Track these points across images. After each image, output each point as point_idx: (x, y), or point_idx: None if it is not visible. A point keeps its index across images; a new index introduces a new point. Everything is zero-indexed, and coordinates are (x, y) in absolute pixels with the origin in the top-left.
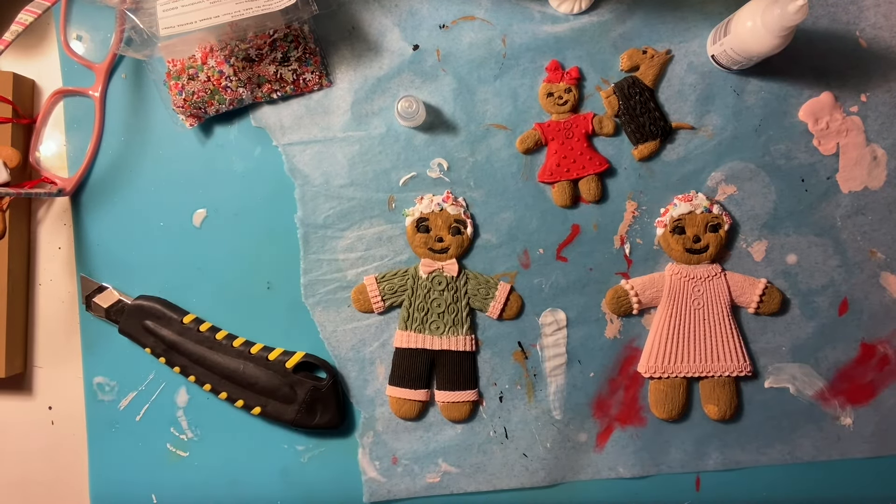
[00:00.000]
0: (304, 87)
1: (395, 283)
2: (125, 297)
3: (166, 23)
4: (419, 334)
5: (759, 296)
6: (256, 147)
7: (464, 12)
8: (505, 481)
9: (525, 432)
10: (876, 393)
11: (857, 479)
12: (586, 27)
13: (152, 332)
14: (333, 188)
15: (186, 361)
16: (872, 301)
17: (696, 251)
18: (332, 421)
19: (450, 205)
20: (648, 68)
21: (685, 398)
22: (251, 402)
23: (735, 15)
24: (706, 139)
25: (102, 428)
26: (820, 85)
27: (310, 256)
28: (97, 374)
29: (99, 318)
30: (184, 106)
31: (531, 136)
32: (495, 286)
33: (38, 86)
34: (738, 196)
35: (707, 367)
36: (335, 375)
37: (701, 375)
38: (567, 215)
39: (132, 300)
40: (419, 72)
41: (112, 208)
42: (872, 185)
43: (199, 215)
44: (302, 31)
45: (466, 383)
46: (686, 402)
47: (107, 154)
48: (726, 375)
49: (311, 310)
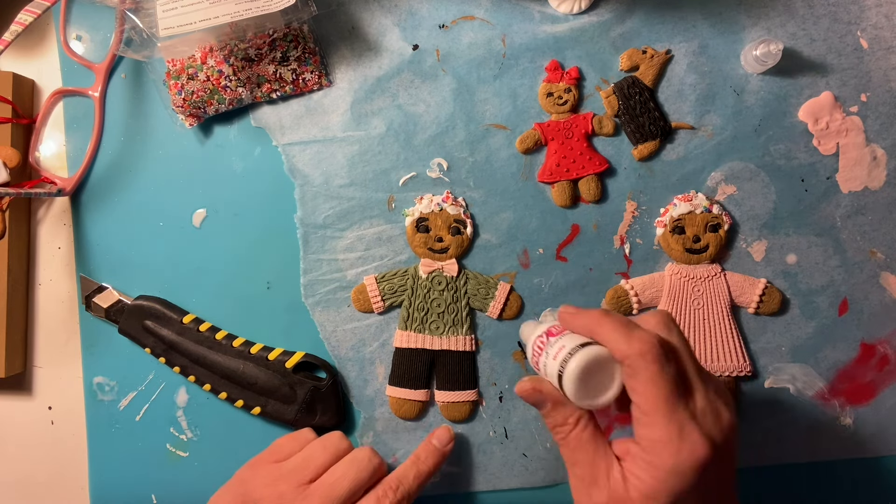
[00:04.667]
0: (304, 86)
1: (395, 282)
2: (125, 297)
3: (166, 23)
4: (419, 334)
5: (759, 296)
6: (256, 147)
7: (463, 12)
8: (505, 481)
9: (525, 432)
10: (876, 393)
11: (857, 479)
12: (586, 27)
13: (152, 332)
14: (333, 188)
15: (186, 361)
16: (872, 301)
17: (696, 251)
18: (333, 420)
19: (449, 205)
20: (648, 68)
21: None
22: (251, 402)
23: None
24: (706, 139)
25: (102, 428)
26: (820, 85)
27: (309, 256)
28: (97, 374)
29: (99, 318)
30: (183, 106)
31: (531, 136)
32: (495, 286)
33: (37, 86)
34: (738, 196)
35: (707, 367)
36: (335, 375)
37: None
38: (567, 215)
39: (132, 300)
40: (419, 72)
41: (112, 208)
42: (872, 185)
43: (199, 215)
44: (301, 30)
45: (466, 383)
46: None
47: (106, 154)
48: (726, 375)
49: (311, 310)
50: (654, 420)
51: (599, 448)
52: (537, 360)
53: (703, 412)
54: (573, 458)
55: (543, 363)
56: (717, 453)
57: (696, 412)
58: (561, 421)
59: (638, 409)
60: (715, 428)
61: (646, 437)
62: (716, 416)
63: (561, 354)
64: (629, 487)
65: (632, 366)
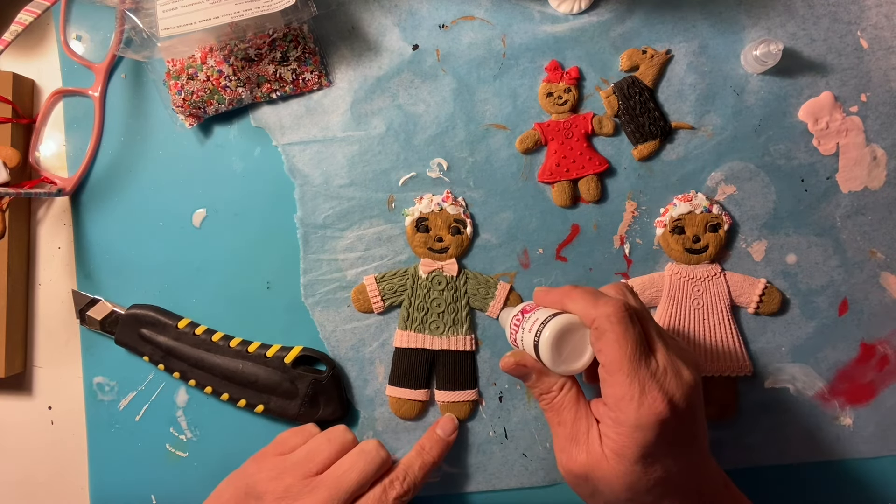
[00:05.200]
0: (304, 86)
1: (395, 282)
2: (118, 307)
3: (166, 24)
4: (419, 334)
5: (759, 296)
6: (256, 147)
7: (463, 12)
8: (504, 481)
9: (524, 432)
10: (876, 393)
11: (857, 479)
12: (586, 27)
13: (149, 340)
14: (333, 188)
15: (185, 366)
16: (872, 301)
17: (696, 251)
18: (337, 413)
19: (449, 204)
20: (648, 68)
21: None
22: (253, 401)
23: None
24: (706, 139)
25: (102, 428)
26: (820, 85)
27: (309, 256)
28: (97, 373)
29: (94, 331)
30: (183, 105)
31: (531, 136)
32: (495, 286)
33: (37, 86)
34: (738, 196)
35: (706, 367)
36: (335, 367)
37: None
38: (567, 215)
39: (125, 310)
40: (419, 72)
41: (112, 208)
42: (872, 186)
43: (199, 215)
44: (301, 30)
45: (467, 383)
46: None
47: (106, 154)
48: (726, 375)
49: (311, 310)
50: (618, 379)
51: (581, 409)
52: (515, 337)
53: (664, 371)
54: (558, 418)
55: (520, 338)
56: (676, 410)
57: (656, 372)
58: (546, 389)
59: (604, 370)
60: (674, 385)
61: (611, 396)
62: (676, 374)
63: (535, 326)
64: (603, 446)
65: (599, 327)
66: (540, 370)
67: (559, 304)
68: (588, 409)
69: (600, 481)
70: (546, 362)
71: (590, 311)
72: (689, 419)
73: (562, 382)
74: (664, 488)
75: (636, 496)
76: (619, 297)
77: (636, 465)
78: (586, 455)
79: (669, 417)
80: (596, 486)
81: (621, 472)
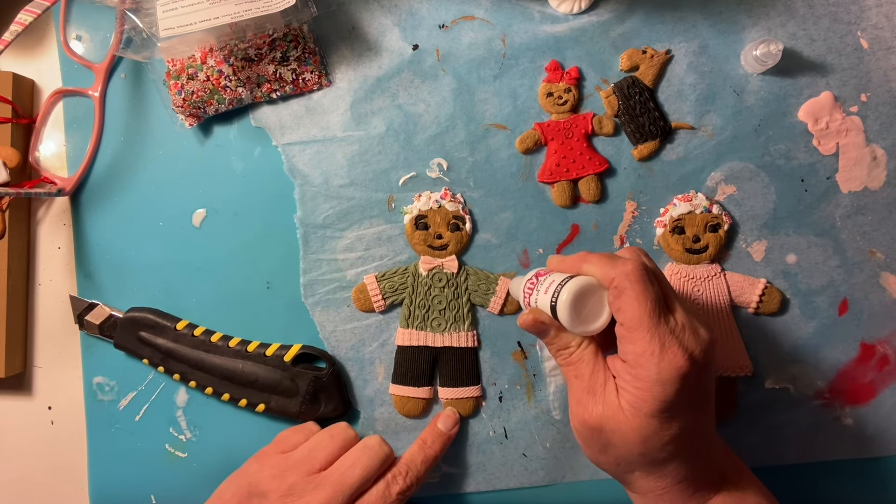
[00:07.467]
0: (304, 86)
1: (396, 281)
2: (116, 311)
3: (166, 24)
4: (421, 332)
5: (759, 296)
6: (256, 147)
7: (463, 12)
8: (504, 481)
9: (524, 432)
10: (876, 393)
11: (858, 479)
12: (586, 27)
13: (148, 343)
14: (333, 188)
15: (185, 367)
16: (872, 301)
17: (696, 251)
18: (338, 410)
19: (448, 201)
20: (648, 68)
21: None
22: (254, 400)
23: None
24: (706, 139)
25: (102, 428)
26: (820, 85)
27: (309, 256)
28: (97, 373)
29: (93, 335)
30: (183, 105)
31: (531, 136)
32: (495, 282)
33: (37, 86)
34: (738, 196)
35: None
36: (335, 364)
37: None
38: (567, 215)
39: (123, 313)
40: (419, 72)
41: (112, 208)
42: (872, 186)
43: (199, 215)
44: (301, 30)
45: (470, 379)
46: None
47: (106, 154)
48: (726, 375)
49: (311, 310)
50: (639, 336)
51: (599, 363)
52: (528, 300)
53: (683, 328)
54: (576, 372)
55: (535, 300)
56: (696, 365)
57: (675, 328)
58: (564, 344)
59: (622, 328)
60: (693, 342)
61: (631, 352)
62: (694, 332)
63: (552, 287)
64: (620, 399)
65: (618, 286)
66: (558, 326)
67: (575, 269)
68: (605, 364)
69: (615, 433)
70: (564, 322)
71: (608, 271)
72: (706, 377)
73: (580, 339)
74: (676, 446)
75: (649, 451)
76: (636, 258)
77: (654, 419)
78: (603, 407)
79: (689, 372)
80: (609, 440)
81: (637, 426)
